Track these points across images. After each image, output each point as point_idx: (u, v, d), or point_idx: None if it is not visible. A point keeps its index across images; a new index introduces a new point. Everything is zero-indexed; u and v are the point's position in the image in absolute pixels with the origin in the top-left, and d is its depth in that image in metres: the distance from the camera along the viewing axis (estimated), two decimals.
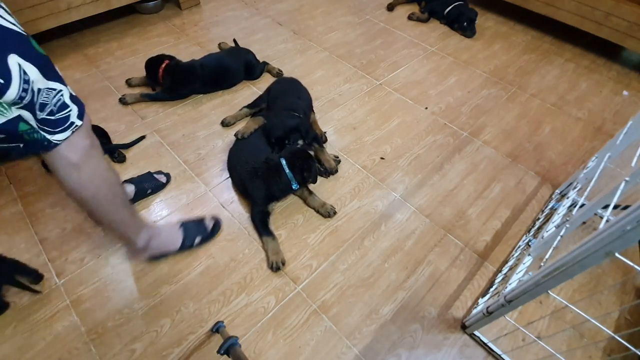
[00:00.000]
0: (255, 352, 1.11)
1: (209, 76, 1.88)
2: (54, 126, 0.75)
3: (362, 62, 2.21)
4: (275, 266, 1.28)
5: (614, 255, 0.65)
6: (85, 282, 1.23)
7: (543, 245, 1.10)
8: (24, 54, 0.66)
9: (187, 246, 1.30)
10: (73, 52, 2.10)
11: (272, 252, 1.30)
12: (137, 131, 1.71)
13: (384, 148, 1.72)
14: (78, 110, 0.79)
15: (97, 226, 1.34)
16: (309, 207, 1.47)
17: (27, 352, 1.08)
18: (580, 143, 1.79)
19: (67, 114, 0.76)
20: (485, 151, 1.73)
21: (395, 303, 1.23)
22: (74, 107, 0.78)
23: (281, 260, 1.29)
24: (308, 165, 1.39)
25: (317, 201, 1.45)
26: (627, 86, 2.13)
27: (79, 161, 0.82)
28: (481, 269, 1.33)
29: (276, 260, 1.28)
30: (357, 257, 1.34)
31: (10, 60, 0.64)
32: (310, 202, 1.46)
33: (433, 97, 2.00)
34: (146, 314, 1.17)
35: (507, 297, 0.93)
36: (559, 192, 1.53)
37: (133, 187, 1.42)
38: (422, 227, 1.44)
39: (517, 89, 2.08)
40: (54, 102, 0.73)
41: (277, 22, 2.49)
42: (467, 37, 2.44)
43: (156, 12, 2.49)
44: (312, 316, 1.19)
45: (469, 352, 1.14)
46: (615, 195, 0.84)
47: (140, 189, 1.43)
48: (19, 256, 1.28)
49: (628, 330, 1.11)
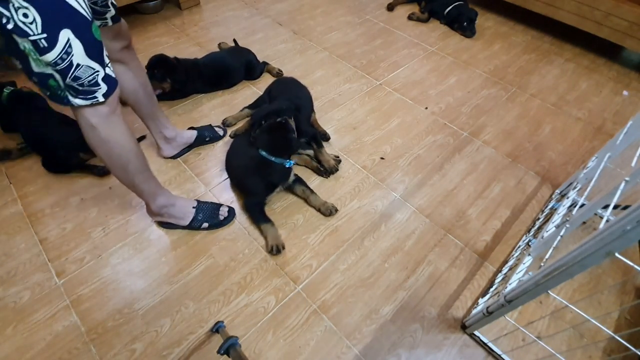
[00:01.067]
0: (255, 352, 1.11)
1: (210, 75, 1.89)
2: (78, 93, 0.88)
3: (362, 62, 2.21)
4: (275, 249, 1.29)
5: (614, 255, 0.65)
6: (85, 282, 1.23)
7: (543, 245, 1.10)
8: (76, 32, 0.80)
9: (195, 227, 1.37)
10: None
11: (272, 238, 1.32)
12: (137, 131, 1.71)
13: (384, 148, 1.72)
14: (107, 90, 0.91)
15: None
16: (310, 206, 1.47)
17: (27, 352, 1.08)
18: (580, 143, 1.79)
19: (94, 90, 0.89)
20: (485, 151, 1.73)
21: (395, 303, 1.23)
22: (103, 86, 0.90)
23: (281, 244, 1.31)
24: (286, 141, 1.37)
25: (318, 200, 1.45)
26: (627, 86, 2.13)
27: (96, 123, 0.95)
28: (481, 269, 1.33)
29: (276, 243, 1.30)
30: (357, 257, 1.34)
31: (62, 33, 0.78)
32: (311, 202, 1.46)
33: (433, 97, 2.00)
34: (146, 314, 1.17)
35: (507, 297, 0.93)
36: (559, 192, 1.53)
37: (195, 132, 1.64)
38: (422, 227, 1.44)
39: (517, 89, 2.08)
40: (87, 78, 0.86)
41: (277, 22, 2.49)
42: (467, 37, 2.44)
43: (156, 12, 2.49)
44: (312, 316, 1.19)
45: (469, 352, 1.14)
46: (615, 195, 0.84)
47: (201, 135, 1.65)
48: (19, 256, 1.28)
49: (628, 330, 1.11)
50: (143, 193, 1.23)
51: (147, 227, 1.39)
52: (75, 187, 1.49)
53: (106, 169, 1.53)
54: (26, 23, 0.74)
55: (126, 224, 1.39)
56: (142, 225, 1.39)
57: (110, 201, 1.46)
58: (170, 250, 1.33)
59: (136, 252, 1.32)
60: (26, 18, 0.74)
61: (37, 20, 0.75)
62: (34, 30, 0.75)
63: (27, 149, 1.57)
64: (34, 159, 1.57)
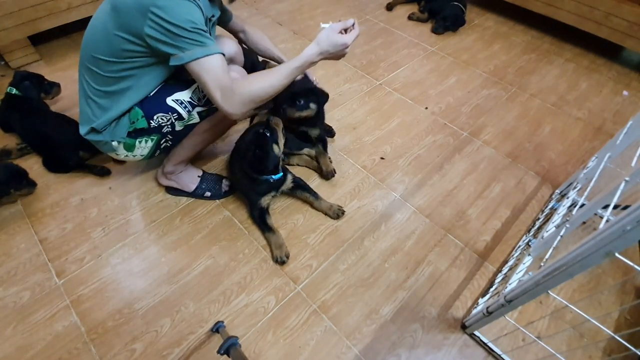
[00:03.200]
0: (255, 352, 1.11)
1: None
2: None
3: (362, 62, 2.21)
4: (280, 260, 1.29)
5: (614, 255, 0.65)
6: (85, 282, 1.23)
7: (543, 245, 1.10)
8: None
9: (198, 194, 1.48)
10: (73, 52, 2.10)
11: (276, 247, 1.31)
12: None
13: (384, 148, 1.72)
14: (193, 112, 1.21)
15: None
16: (316, 210, 1.46)
17: (27, 352, 1.08)
18: (580, 143, 1.79)
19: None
20: (485, 151, 1.73)
21: (395, 303, 1.23)
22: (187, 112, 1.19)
23: (285, 254, 1.30)
24: (266, 159, 1.26)
25: (324, 204, 1.44)
26: (627, 86, 2.13)
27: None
28: (481, 269, 1.33)
29: (280, 254, 1.29)
30: (357, 257, 1.34)
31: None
32: (317, 206, 1.45)
33: (433, 97, 2.00)
34: (146, 314, 1.17)
35: (507, 297, 0.93)
36: (559, 192, 1.53)
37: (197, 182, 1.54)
38: (422, 227, 1.44)
39: (517, 89, 2.08)
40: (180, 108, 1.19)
41: (277, 22, 2.49)
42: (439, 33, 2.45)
43: None
44: (312, 316, 1.19)
45: (469, 352, 1.14)
46: (615, 195, 0.84)
47: (198, 188, 1.51)
48: (19, 256, 1.28)
49: (628, 330, 1.11)
50: (178, 157, 1.36)
51: (147, 227, 1.39)
52: (75, 187, 1.49)
53: (106, 169, 1.52)
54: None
55: (126, 224, 1.39)
56: (142, 225, 1.39)
57: (110, 201, 1.46)
58: (170, 250, 1.33)
59: (136, 252, 1.32)
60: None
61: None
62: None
63: (27, 149, 1.57)
64: (34, 159, 1.57)
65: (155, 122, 1.18)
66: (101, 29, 1.06)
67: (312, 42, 1.12)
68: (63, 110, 1.73)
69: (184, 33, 0.98)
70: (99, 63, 1.09)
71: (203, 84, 1.04)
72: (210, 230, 1.39)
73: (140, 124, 1.18)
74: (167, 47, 1.00)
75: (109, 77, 1.11)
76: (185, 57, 1.00)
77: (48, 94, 1.68)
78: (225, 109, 1.06)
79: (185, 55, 1.00)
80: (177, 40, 0.99)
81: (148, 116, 1.17)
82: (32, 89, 1.60)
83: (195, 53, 1.00)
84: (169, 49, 1.00)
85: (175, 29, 0.97)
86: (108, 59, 1.08)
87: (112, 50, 1.06)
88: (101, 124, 1.17)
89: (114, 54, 1.07)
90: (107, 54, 1.07)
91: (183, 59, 1.01)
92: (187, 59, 1.01)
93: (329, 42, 1.11)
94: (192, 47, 1.00)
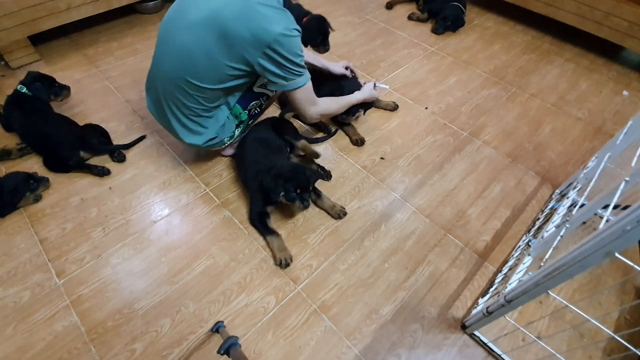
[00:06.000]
0: (255, 352, 1.11)
1: None
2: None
3: (362, 62, 2.21)
4: (283, 263, 1.28)
5: (614, 255, 0.65)
6: (85, 282, 1.23)
7: (543, 245, 1.10)
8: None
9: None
10: (73, 52, 2.10)
11: (278, 250, 1.30)
12: (137, 131, 1.71)
13: (384, 148, 1.72)
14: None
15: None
16: (319, 208, 1.46)
17: (27, 352, 1.08)
18: (580, 143, 1.79)
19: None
20: (485, 151, 1.73)
21: (395, 303, 1.23)
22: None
23: (289, 256, 1.29)
24: (306, 185, 1.30)
25: (327, 203, 1.45)
26: (627, 86, 2.13)
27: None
28: (481, 269, 1.33)
29: (283, 257, 1.29)
30: (357, 257, 1.34)
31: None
32: (319, 204, 1.46)
33: (433, 97, 2.00)
34: (146, 314, 1.17)
35: (507, 297, 0.93)
36: (559, 192, 1.53)
37: None
38: (422, 227, 1.44)
39: (517, 89, 2.08)
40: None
41: None
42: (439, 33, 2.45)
43: (156, 12, 2.49)
44: (312, 316, 1.19)
45: (469, 352, 1.14)
46: (615, 195, 0.84)
47: None
48: (19, 256, 1.28)
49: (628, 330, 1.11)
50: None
51: (147, 227, 1.39)
52: (75, 187, 1.49)
53: (106, 169, 1.52)
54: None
55: (126, 224, 1.39)
56: (142, 225, 1.39)
57: (110, 201, 1.46)
58: (170, 250, 1.33)
59: (136, 252, 1.32)
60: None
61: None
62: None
63: (27, 149, 1.57)
64: (34, 159, 1.57)
65: (251, 110, 1.41)
66: (205, 57, 1.16)
67: (363, 89, 1.65)
68: (63, 110, 1.73)
69: (294, 66, 1.16)
70: (202, 90, 1.22)
71: (296, 100, 1.28)
72: (210, 230, 1.39)
73: (242, 117, 1.41)
74: (273, 77, 1.17)
75: (212, 98, 1.27)
76: (288, 86, 1.21)
77: (58, 96, 1.68)
78: (307, 116, 1.36)
79: (289, 84, 1.20)
80: (286, 72, 1.17)
81: (246, 108, 1.39)
82: (44, 91, 1.61)
83: (297, 82, 1.21)
84: (274, 79, 1.18)
85: (288, 63, 1.14)
86: (213, 87, 1.22)
87: (219, 77, 1.20)
88: (213, 132, 1.36)
89: (220, 80, 1.21)
90: (213, 82, 1.21)
91: (286, 87, 1.21)
92: (290, 87, 1.21)
93: (371, 94, 1.67)
94: (295, 77, 1.20)
